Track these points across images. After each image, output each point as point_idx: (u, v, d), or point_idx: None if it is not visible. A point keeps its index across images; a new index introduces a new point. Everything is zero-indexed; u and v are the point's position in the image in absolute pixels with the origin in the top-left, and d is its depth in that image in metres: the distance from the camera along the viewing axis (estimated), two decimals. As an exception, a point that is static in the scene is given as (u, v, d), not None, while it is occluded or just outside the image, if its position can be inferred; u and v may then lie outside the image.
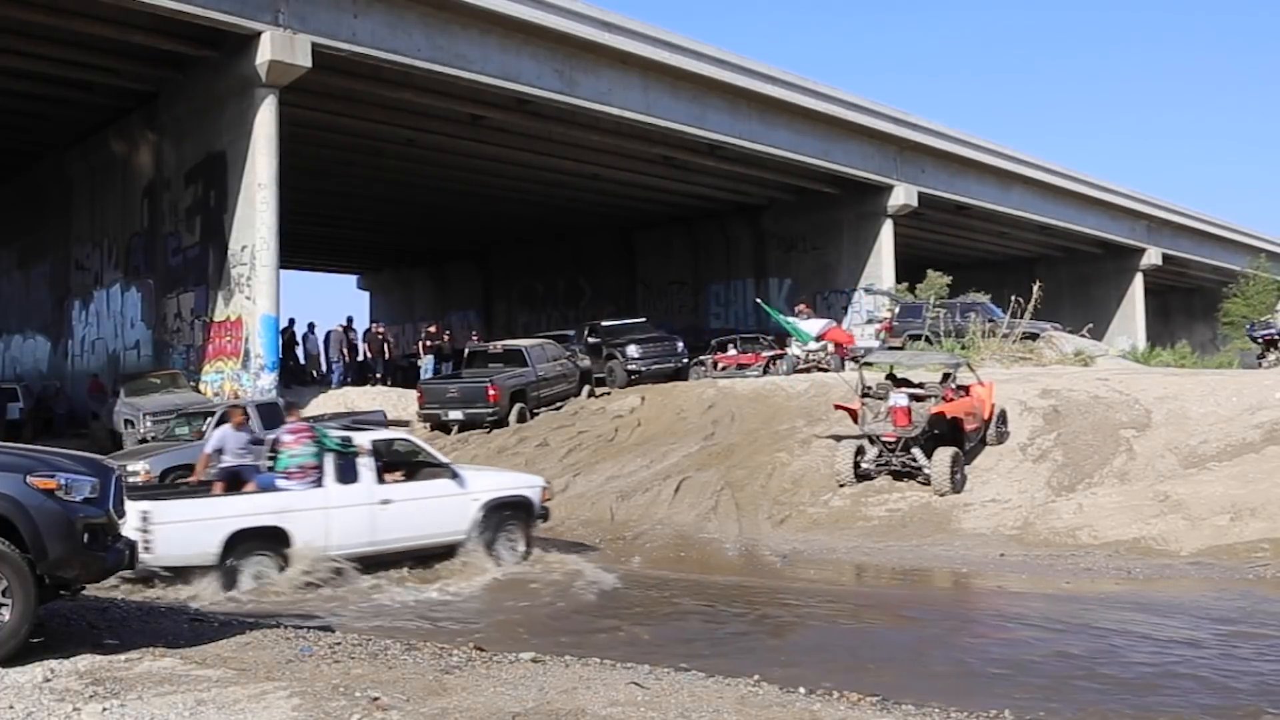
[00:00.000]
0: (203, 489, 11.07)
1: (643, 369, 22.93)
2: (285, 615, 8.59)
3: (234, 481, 10.96)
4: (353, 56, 20.78)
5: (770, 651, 8.12)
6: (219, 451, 11.37)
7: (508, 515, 11.30)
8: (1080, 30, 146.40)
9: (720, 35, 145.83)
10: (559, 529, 14.24)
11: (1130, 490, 13.18)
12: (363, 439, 10.94)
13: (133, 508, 8.96)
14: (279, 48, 19.54)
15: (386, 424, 15.40)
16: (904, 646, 8.26)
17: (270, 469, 10.89)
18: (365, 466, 10.64)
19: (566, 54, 23.65)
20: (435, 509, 10.93)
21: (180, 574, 9.50)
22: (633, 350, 23.32)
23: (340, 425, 12.17)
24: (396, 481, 10.96)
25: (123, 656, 6.41)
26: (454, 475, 11.25)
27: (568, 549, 12.41)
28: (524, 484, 11.88)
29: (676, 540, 13.48)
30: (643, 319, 27.92)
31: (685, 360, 23.92)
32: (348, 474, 10.52)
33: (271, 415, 17.39)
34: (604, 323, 25.84)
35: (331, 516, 10.33)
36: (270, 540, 9.97)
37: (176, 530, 9.58)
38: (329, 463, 10.47)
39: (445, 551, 10.88)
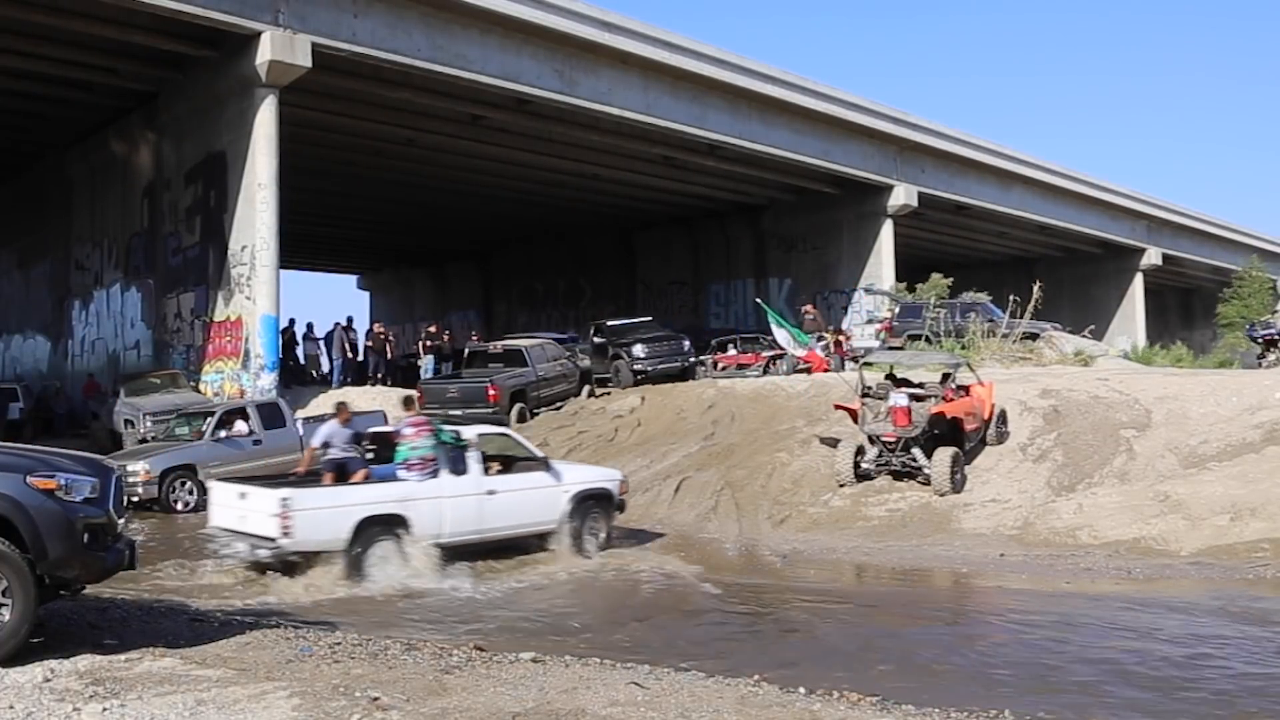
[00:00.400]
0: (310, 479, 11.51)
1: (649, 369, 22.37)
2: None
3: (340, 472, 11.47)
4: (353, 56, 20.77)
5: (770, 651, 8.12)
6: (326, 445, 11.82)
7: (592, 506, 12.06)
8: (1080, 30, 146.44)
9: (720, 35, 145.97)
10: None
11: (1130, 490, 13.17)
12: (470, 433, 11.66)
13: (271, 494, 10.33)
14: (279, 48, 19.54)
15: (483, 420, 15.59)
16: (904, 646, 8.25)
17: (367, 458, 11.68)
18: (473, 459, 11.40)
19: (566, 54, 23.64)
20: (532, 500, 11.71)
21: (308, 559, 10.14)
22: (639, 350, 22.76)
23: (445, 420, 12.73)
24: (498, 474, 11.64)
25: (123, 656, 6.42)
26: (548, 468, 12.09)
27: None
28: (605, 477, 12.69)
29: (677, 540, 13.47)
30: (649, 318, 27.50)
31: (692, 360, 23.49)
32: (459, 466, 11.28)
33: (271, 415, 17.43)
34: (610, 322, 25.36)
35: (445, 506, 11.05)
36: (393, 527, 10.60)
37: (314, 516, 10.25)
38: (443, 455, 11.18)
39: (538, 540, 11.69)
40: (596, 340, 24.03)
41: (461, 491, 11.20)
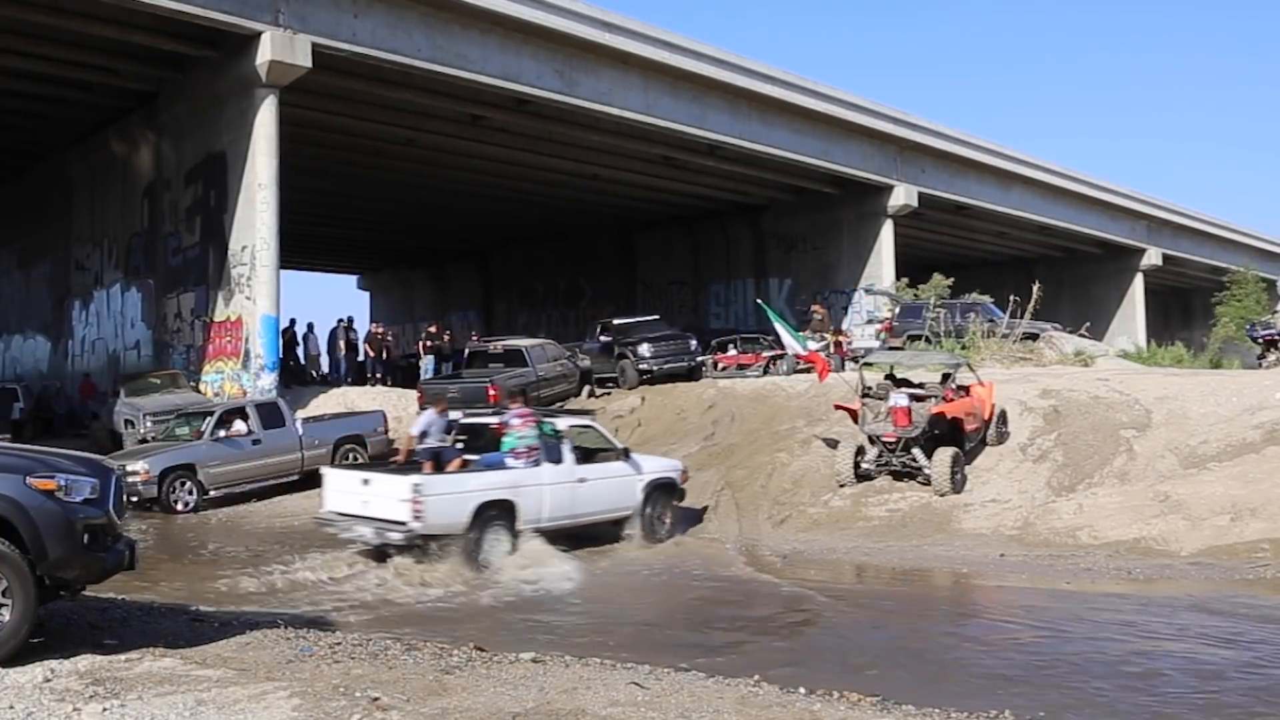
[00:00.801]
0: (410, 467, 12.00)
1: (655, 369, 22.02)
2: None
3: (436, 460, 12.07)
4: (353, 56, 20.76)
5: (771, 651, 8.12)
6: (424, 434, 12.31)
7: (661, 494, 13.02)
8: (1080, 31, 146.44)
9: (720, 35, 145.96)
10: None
11: (1130, 490, 13.17)
12: (563, 424, 12.55)
13: (403, 480, 11.03)
14: (279, 48, 19.53)
15: (574, 413, 15.78)
16: (904, 646, 8.25)
17: (458, 447, 12.43)
18: (566, 449, 12.24)
19: (567, 54, 23.64)
20: (615, 487, 12.61)
21: (425, 544, 10.82)
22: (644, 350, 22.42)
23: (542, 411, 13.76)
24: (586, 463, 12.47)
25: (123, 656, 6.42)
26: (627, 457, 12.93)
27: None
28: (671, 467, 13.59)
29: (676, 541, 13.45)
30: (655, 316, 27.09)
31: (699, 360, 23.24)
32: (555, 455, 12.10)
33: (271, 415, 17.44)
34: (616, 321, 25.03)
35: (545, 492, 11.87)
36: (504, 512, 11.40)
37: (441, 501, 10.97)
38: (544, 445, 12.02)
39: (613, 525, 12.66)
40: (603, 339, 23.83)
41: (559, 479, 12.01)
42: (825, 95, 29.25)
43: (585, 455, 12.59)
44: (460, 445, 12.59)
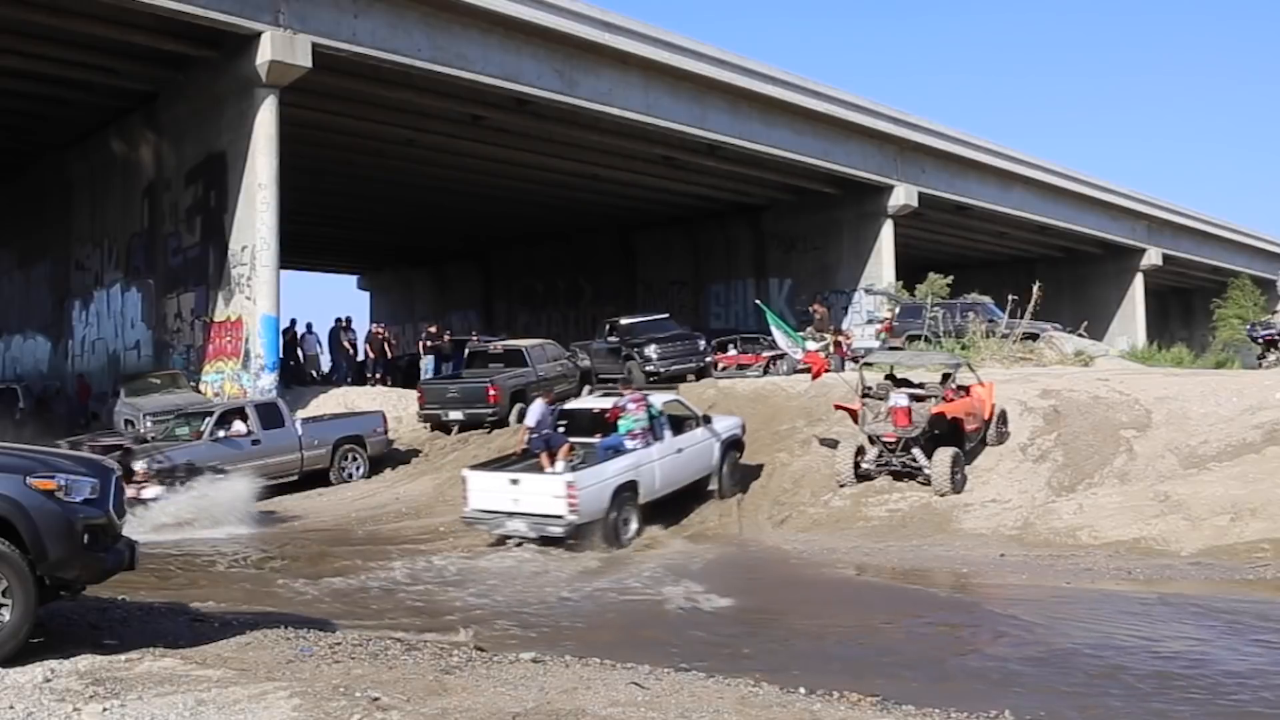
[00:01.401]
0: (526, 456, 13.36)
1: (662, 370, 21.39)
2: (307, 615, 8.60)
3: (549, 448, 13.16)
4: (353, 56, 20.77)
5: (771, 651, 8.12)
6: (539, 425, 13.37)
7: (731, 450, 14.51)
8: (1080, 31, 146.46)
9: (720, 35, 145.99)
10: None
11: (1130, 490, 13.17)
12: (659, 402, 13.77)
13: (556, 478, 12.31)
14: (279, 48, 19.54)
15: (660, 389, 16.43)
16: (904, 647, 8.25)
17: (560, 432, 13.52)
18: (664, 424, 13.51)
19: (567, 54, 23.64)
20: (702, 451, 14.09)
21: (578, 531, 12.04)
22: (651, 350, 21.92)
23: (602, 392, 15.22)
24: (678, 433, 13.72)
25: (123, 656, 6.41)
26: (708, 423, 14.34)
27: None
28: (735, 424, 15.00)
29: (676, 540, 13.45)
30: (665, 315, 26.41)
31: (707, 360, 22.85)
32: (659, 432, 13.41)
33: (270, 415, 17.42)
34: (623, 320, 24.33)
35: (656, 467, 13.16)
36: (632, 492, 12.65)
37: (590, 492, 12.08)
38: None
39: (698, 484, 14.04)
40: (610, 339, 23.48)
41: (665, 454, 13.37)
42: (825, 95, 29.25)
43: (675, 426, 13.82)
44: (562, 430, 13.57)
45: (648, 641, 8.31)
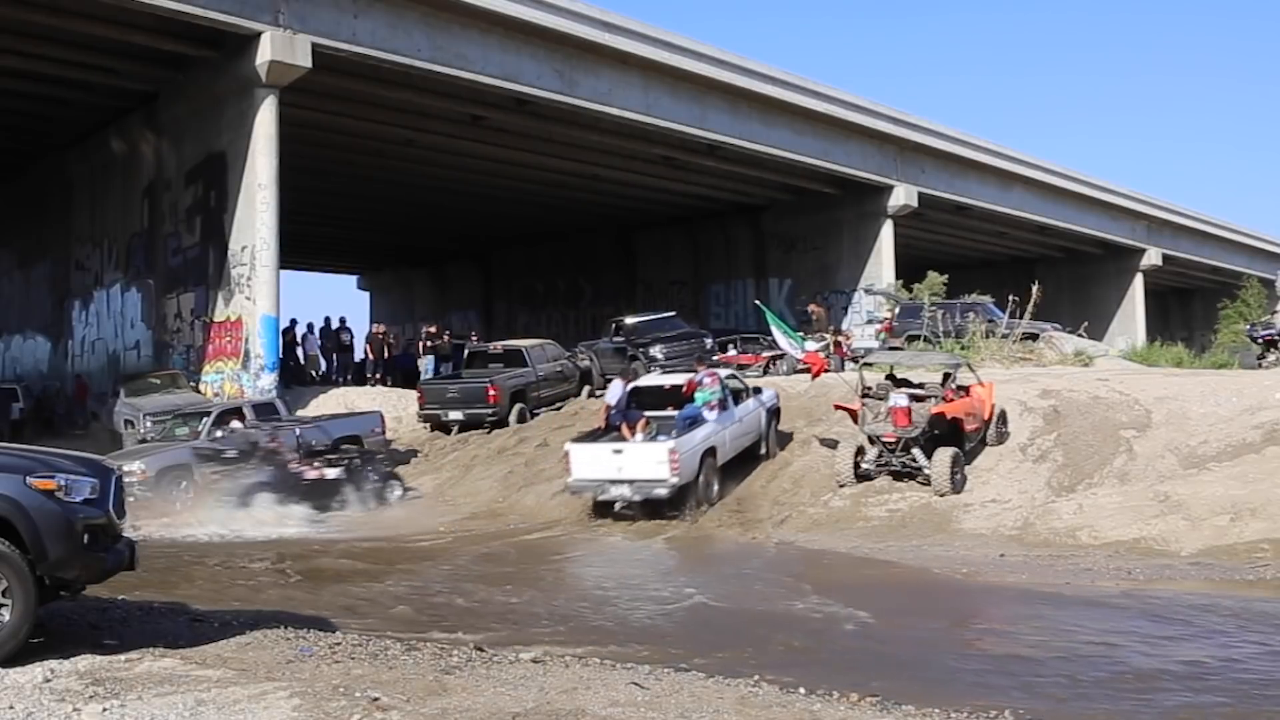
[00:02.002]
0: (610, 430, 14.98)
1: (669, 371, 20.82)
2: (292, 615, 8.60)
3: (629, 423, 14.83)
4: (353, 56, 20.78)
5: (771, 651, 8.11)
6: (618, 403, 15.13)
7: (773, 417, 16.28)
8: (1080, 31, 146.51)
9: (720, 35, 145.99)
10: (566, 527, 14.26)
11: (1130, 490, 13.16)
12: (722, 375, 15.54)
13: (659, 446, 13.81)
14: (279, 48, 19.55)
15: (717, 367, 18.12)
16: (904, 647, 8.24)
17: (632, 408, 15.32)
18: (730, 397, 15.10)
19: (566, 54, 23.65)
20: (755, 418, 15.75)
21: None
22: (657, 351, 21.68)
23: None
24: (736, 404, 15.31)
25: (123, 656, 6.42)
26: (758, 394, 16.15)
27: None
28: (774, 395, 16.70)
29: (677, 541, 13.45)
30: (672, 313, 26.09)
31: (715, 360, 22.29)
32: (727, 403, 14.98)
33: (268, 416, 17.41)
34: (629, 319, 24.06)
35: (726, 434, 14.80)
36: (713, 457, 14.37)
37: (686, 457, 13.72)
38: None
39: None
40: (615, 340, 23.28)
41: (731, 421, 14.97)
42: (825, 95, 29.26)
43: (734, 397, 15.38)
44: (631, 405, 15.30)
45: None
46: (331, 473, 15.26)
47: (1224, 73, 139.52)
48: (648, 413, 15.09)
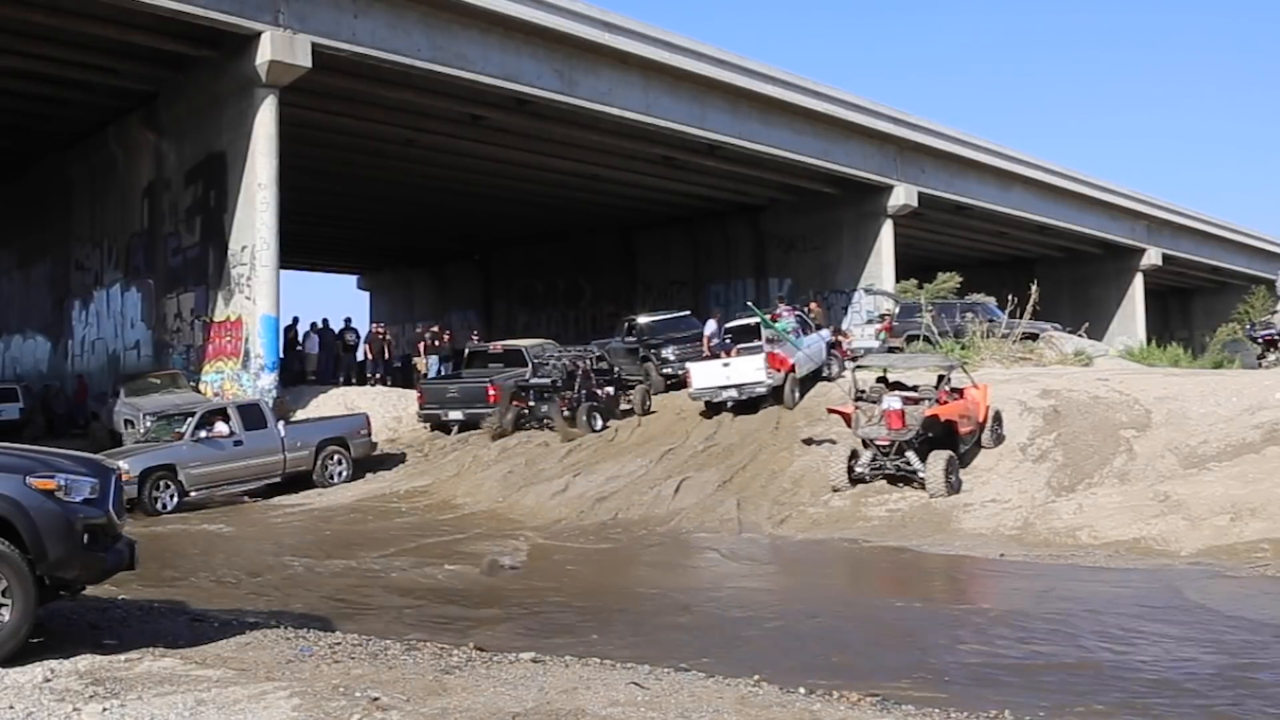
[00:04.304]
0: (711, 357, 19.36)
1: (680, 372, 20.49)
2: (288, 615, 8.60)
3: (726, 350, 19.24)
4: (353, 56, 20.77)
5: (771, 651, 8.11)
6: (712, 335, 20.79)
7: (832, 348, 20.36)
8: (1080, 31, 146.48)
9: (720, 35, 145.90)
10: (568, 527, 14.26)
11: (1130, 490, 13.17)
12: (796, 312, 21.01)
13: (756, 357, 18.21)
14: (279, 48, 19.54)
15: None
16: (904, 646, 8.24)
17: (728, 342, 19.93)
18: (803, 326, 20.00)
19: (566, 54, 23.65)
20: (818, 349, 19.84)
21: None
22: (669, 352, 21.24)
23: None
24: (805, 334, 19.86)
25: (123, 656, 6.42)
26: (818, 329, 20.84)
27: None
28: (828, 334, 21.13)
29: (676, 541, 13.46)
30: (686, 313, 25.61)
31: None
32: (801, 331, 19.67)
33: (253, 417, 17.38)
34: (641, 319, 23.64)
35: (800, 355, 18.98)
36: (791, 371, 18.47)
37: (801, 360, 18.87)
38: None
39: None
40: (628, 340, 23.04)
41: (804, 346, 19.25)
42: (825, 95, 29.25)
43: (804, 329, 19.94)
44: (729, 339, 19.83)
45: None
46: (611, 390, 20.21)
47: (1224, 72, 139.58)
48: (739, 345, 19.25)
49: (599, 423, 19.05)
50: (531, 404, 19.54)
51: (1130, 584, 10.25)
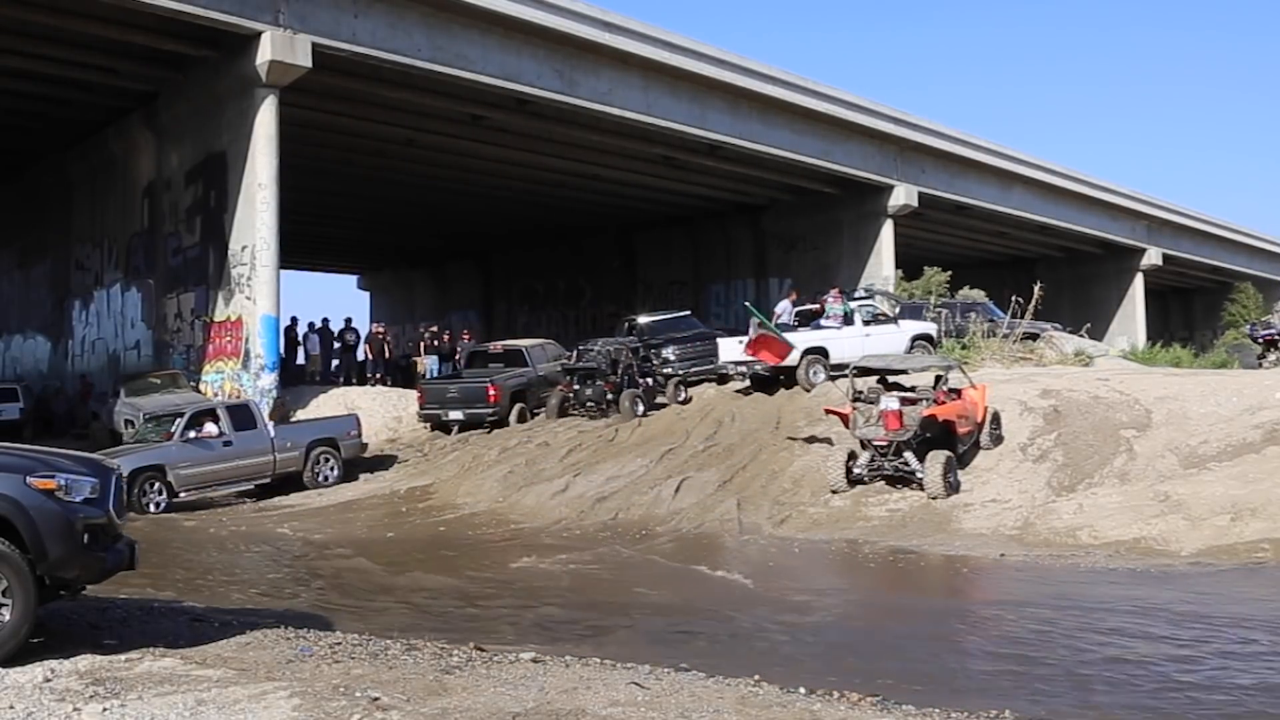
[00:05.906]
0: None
1: (680, 372, 20.53)
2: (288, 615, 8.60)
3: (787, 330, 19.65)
4: (353, 56, 20.77)
5: (771, 650, 8.11)
6: (780, 315, 21.63)
7: (921, 340, 20.19)
8: (1080, 31, 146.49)
9: (720, 35, 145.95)
10: (571, 527, 14.26)
11: (1130, 490, 13.17)
12: (853, 304, 20.70)
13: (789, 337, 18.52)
14: (279, 48, 19.54)
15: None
16: (904, 646, 8.24)
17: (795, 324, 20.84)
18: (855, 317, 20.09)
19: (567, 54, 23.64)
20: (892, 341, 19.51)
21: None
22: (670, 352, 21.06)
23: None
24: (872, 325, 20.07)
25: (123, 656, 6.41)
26: (897, 323, 20.43)
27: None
28: (925, 328, 21.10)
29: (676, 541, 13.45)
30: (687, 312, 25.46)
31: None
32: (850, 320, 19.94)
33: (242, 417, 17.36)
34: (641, 318, 23.44)
35: (840, 340, 19.30)
36: (822, 354, 19.05)
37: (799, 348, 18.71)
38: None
39: None
40: (630, 339, 22.55)
41: (849, 335, 19.43)
42: (825, 95, 29.24)
43: (875, 320, 20.13)
44: (797, 323, 20.69)
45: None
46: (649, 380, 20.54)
47: (1224, 73, 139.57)
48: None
49: (641, 408, 19.30)
50: (576, 387, 20.18)
51: (1130, 584, 10.26)
